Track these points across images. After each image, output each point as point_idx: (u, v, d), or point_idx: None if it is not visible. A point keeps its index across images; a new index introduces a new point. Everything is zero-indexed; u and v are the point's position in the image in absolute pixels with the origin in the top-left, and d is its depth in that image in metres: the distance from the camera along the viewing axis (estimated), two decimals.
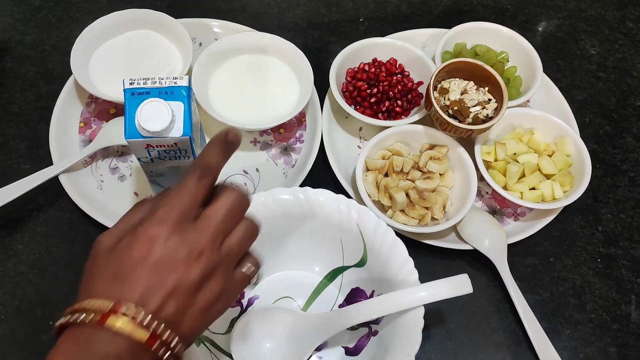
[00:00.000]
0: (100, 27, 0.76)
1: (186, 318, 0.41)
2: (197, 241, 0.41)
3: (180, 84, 0.55)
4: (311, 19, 0.89)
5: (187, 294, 0.40)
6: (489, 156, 0.72)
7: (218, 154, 0.44)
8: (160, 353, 0.39)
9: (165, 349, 0.39)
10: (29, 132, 0.75)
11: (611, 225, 0.74)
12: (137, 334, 0.38)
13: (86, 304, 0.39)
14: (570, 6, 0.94)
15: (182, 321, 0.41)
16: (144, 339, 0.38)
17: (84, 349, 0.38)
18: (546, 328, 0.65)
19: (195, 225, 0.41)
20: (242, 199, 0.44)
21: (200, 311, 0.42)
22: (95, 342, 0.38)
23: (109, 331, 0.38)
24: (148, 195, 0.71)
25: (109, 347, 0.38)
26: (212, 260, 0.41)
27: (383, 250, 0.59)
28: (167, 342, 0.39)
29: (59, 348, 0.40)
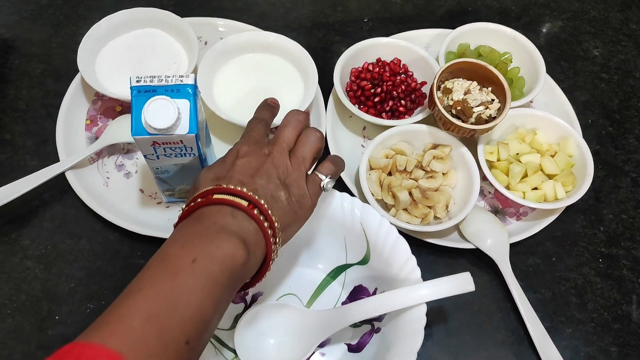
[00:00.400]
0: (107, 25, 0.77)
1: (277, 204, 0.50)
2: (268, 149, 0.53)
3: (187, 82, 0.55)
4: (316, 18, 0.90)
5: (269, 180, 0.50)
6: (491, 156, 0.73)
7: (266, 111, 0.59)
8: (261, 219, 0.48)
9: (265, 218, 0.48)
10: (36, 129, 0.76)
11: (613, 226, 0.75)
12: (238, 201, 0.47)
13: (194, 196, 0.49)
14: (573, 8, 0.95)
15: (274, 204, 0.50)
16: (245, 204, 0.47)
17: (196, 221, 0.47)
18: (548, 327, 0.66)
19: (267, 142, 0.54)
20: (297, 115, 0.56)
21: (287, 203, 0.51)
22: (205, 214, 0.47)
23: (215, 206, 0.47)
24: (153, 192, 0.72)
25: (215, 217, 0.47)
26: (281, 159, 0.52)
27: (386, 248, 0.60)
28: (264, 212, 0.48)
29: (178, 226, 0.48)
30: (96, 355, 0.37)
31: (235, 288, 0.47)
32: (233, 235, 0.46)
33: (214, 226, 0.46)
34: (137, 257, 0.68)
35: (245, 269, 0.46)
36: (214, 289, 0.43)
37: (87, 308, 0.65)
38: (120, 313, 0.40)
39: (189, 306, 0.42)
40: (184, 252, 0.44)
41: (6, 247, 0.68)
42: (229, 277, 0.45)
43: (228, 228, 0.46)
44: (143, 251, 0.68)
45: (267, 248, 0.49)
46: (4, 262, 0.67)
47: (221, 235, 0.45)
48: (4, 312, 0.64)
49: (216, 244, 0.45)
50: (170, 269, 0.43)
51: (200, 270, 0.43)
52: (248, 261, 0.46)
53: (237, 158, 0.52)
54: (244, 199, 0.48)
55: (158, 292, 0.42)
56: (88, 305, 0.65)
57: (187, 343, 0.41)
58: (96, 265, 0.68)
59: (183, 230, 0.47)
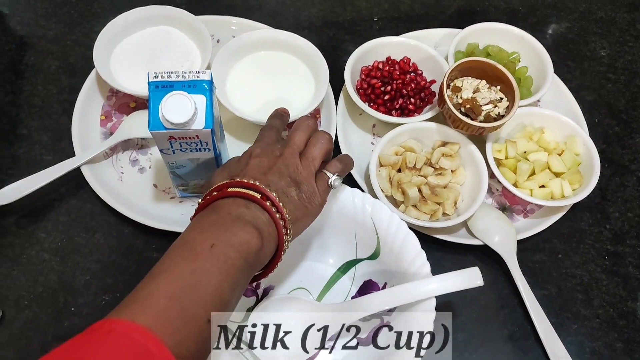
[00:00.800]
0: (122, 22, 0.78)
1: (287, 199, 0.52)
2: (279, 150, 0.55)
3: (203, 77, 0.56)
4: (326, 17, 0.91)
5: (280, 177, 0.53)
6: (499, 154, 0.74)
7: (277, 120, 0.62)
8: (273, 210, 0.50)
9: (276, 210, 0.51)
10: (52, 125, 0.77)
11: (619, 224, 0.76)
12: (251, 193, 0.50)
13: (209, 191, 0.52)
14: (581, 8, 0.96)
15: (285, 199, 0.52)
16: (257, 196, 0.50)
17: (212, 212, 0.50)
18: (554, 322, 0.67)
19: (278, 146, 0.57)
20: (307, 120, 0.59)
21: (298, 199, 0.53)
22: (220, 205, 0.50)
23: (229, 198, 0.51)
24: (167, 187, 0.73)
25: (230, 208, 0.50)
26: (292, 159, 0.54)
27: (396, 243, 0.61)
28: (276, 204, 0.51)
29: (195, 217, 0.51)
30: (126, 330, 0.40)
31: (250, 274, 0.50)
32: (248, 224, 0.49)
33: (229, 216, 0.49)
34: (151, 251, 0.69)
35: (259, 256, 0.49)
36: (230, 272, 0.46)
37: (102, 300, 0.66)
38: (146, 293, 0.43)
39: (208, 286, 0.45)
40: (202, 238, 0.47)
41: (23, 240, 0.69)
42: (245, 262, 0.47)
43: (243, 217, 0.49)
44: (157, 245, 0.70)
45: (279, 238, 0.52)
46: (21, 255, 0.68)
47: (237, 224, 0.48)
48: (22, 304, 0.65)
49: (232, 231, 0.48)
50: (190, 254, 0.46)
51: (218, 254, 0.46)
52: (262, 248, 0.49)
53: (250, 158, 0.55)
54: (256, 192, 0.51)
55: (179, 274, 0.44)
56: (103, 298, 0.66)
57: (208, 322, 0.44)
58: (111, 258, 0.69)
59: (201, 220, 0.50)
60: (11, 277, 0.67)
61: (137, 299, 0.43)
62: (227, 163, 0.57)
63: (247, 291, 0.65)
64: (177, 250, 0.47)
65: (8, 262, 0.68)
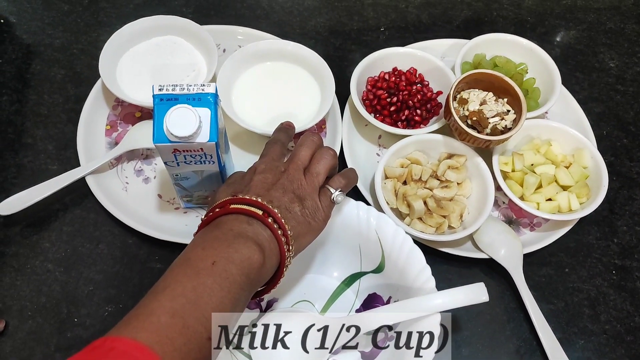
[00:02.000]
0: (128, 32, 0.78)
1: (290, 215, 0.52)
2: (284, 166, 0.56)
3: (208, 90, 0.56)
4: (333, 27, 0.90)
5: (284, 193, 0.53)
6: (506, 166, 0.73)
7: (282, 134, 0.62)
8: (275, 227, 0.50)
9: (279, 226, 0.51)
10: (57, 134, 0.77)
11: (627, 238, 0.75)
12: (253, 210, 0.50)
13: (212, 207, 0.52)
14: (589, 19, 0.95)
15: (288, 215, 0.52)
16: (260, 212, 0.50)
17: (215, 228, 0.50)
18: (560, 338, 0.66)
19: (283, 162, 0.57)
20: (312, 136, 0.59)
21: (301, 215, 0.53)
22: (223, 222, 0.50)
23: (232, 214, 0.51)
24: (171, 197, 0.73)
25: (232, 224, 0.50)
26: (296, 175, 0.55)
27: (401, 257, 0.60)
28: (278, 221, 0.51)
29: (198, 233, 0.52)
30: (127, 348, 0.40)
31: (252, 290, 0.50)
32: (249, 240, 0.49)
33: (230, 232, 0.49)
34: (155, 262, 0.69)
35: (261, 272, 0.49)
36: (232, 288, 0.46)
37: (105, 311, 0.66)
38: (147, 310, 0.43)
39: (209, 303, 0.45)
40: (204, 255, 0.47)
41: (27, 250, 0.69)
42: (247, 278, 0.48)
43: (244, 234, 0.49)
44: (160, 256, 0.70)
45: (280, 255, 0.52)
46: (25, 265, 0.68)
47: (238, 240, 0.49)
48: (25, 314, 0.65)
49: (234, 247, 0.48)
50: (192, 270, 0.46)
51: (220, 271, 0.46)
52: (264, 264, 0.49)
53: (255, 174, 0.55)
54: (259, 208, 0.51)
55: (181, 290, 0.45)
56: (106, 309, 0.66)
57: (209, 339, 0.44)
58: (114, 269, 0.69)
59: (203, 237, 0.50)
60: (15, 287, 0.67)
61: (138, 315, 0.43)
62: (231, 178, 0.57)
63: (251, 304, 0.65)
64: (179, 267, 0.47)
65: (12, 272, 0.68)
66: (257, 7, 0.91)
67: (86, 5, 0.90)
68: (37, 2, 0.90)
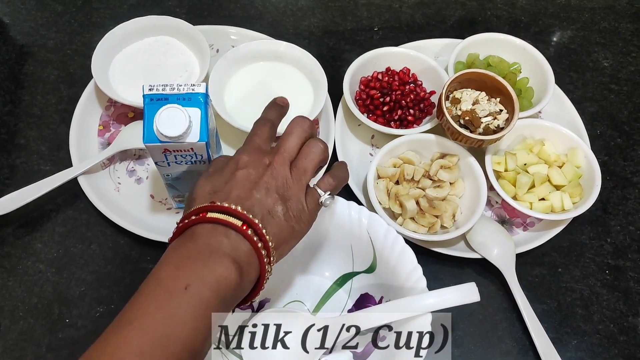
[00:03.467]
0: (121, 32, 0.78)
1: (273, 221, 0.49)
2: (269, 158, 0.52)
3: (198, 90, 0.56)
4: (326, 27, 0.90)
5: (267, 193, 0.50)
6: (499, 166, 0.73)
7: (273, 112, 0.58)
8: (254, 239, 0.47)
9: (259, 238, 0.48)
10: (50, 134, 0.77)
11: (620, 237, 0.75)
12: (232, 220, 0.47)
13: (188, 212, 0.49)
14: (583, 18, 0.95)
15: (270, 221, 0.49)
16: (239, 224, 0.47)
17: (189, 241, 0.47)
18: (553, 338, 0.66)
19: (269, 150, 0.53)
20: (302, 122, 0.54)
21: (284, 219, 0.50)
22: (198, 233, 0.47)
23: (209, 224, 0.47)
24: (164, 198, 0.73)
25: (209, 237, 0.46)
26: (281, 170, 0.51)
27: (392, 257, 0.60)
28: (259, 232, 0.48)
29: (172, 245, 0.48)
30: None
31: (228, 310, 0.47)
32: (226, 258, 0.46)
33: (207, 247, 0.46)
34: (147, 262, 0.69)
35: (237, 290, 0.47)
36: (206, 314, 0.44)
37: (96, 312, 0.66)
38: (113, 349, 0.41)
39: (180, 338, 0.42)
40: (177, 275, 0.44)
41: (19, 250, 0.69)
42: (222, 301, 0.45)
43: (221, 249, 0.46)
44: (152, 256, 0.69)
45: (260, 268, 0.49)
46: (17, 265, 0.68)
47: (214, 258, 0.45)
48: (17, 315, 0.65)
49: (209, 267, 0.45)
50: (163, 296, 0.43)
51: (193, 295, 0.43)
52: (241, 283, 0.46)
53: (236, 169, 0.51)
54: (238, 219, 0.48)
55: (150, 324, 0.42)
56: (98, 309, 0.66)
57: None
58: (106, 269, 0.69)
59: (177, 251, 0.47)
60: (7, 287, 0.67)
61: (104, 354, 0.40)
62: (212, 166, 0.54)
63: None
64: (150, 292, 0.44)
65: (4, 272, 0.68)
66: (250, 7, 0.91)
67: (80, 5, 0.90)
68: (30, 2, 0.90)
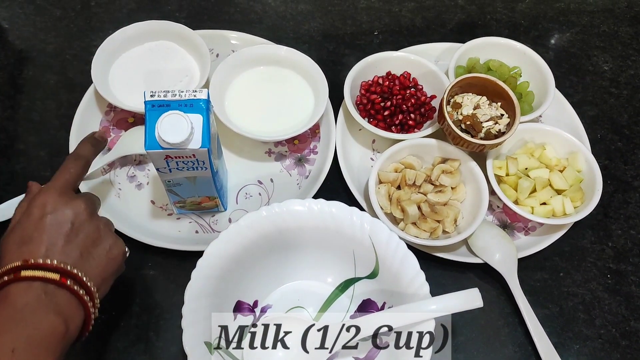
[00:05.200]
0: (120, 37, 0.78)
1: (89, 262, 0.51)
2: (80, 207, 0.52)
3: (200, 96, 0.56)
4: (326, 31, 0.90)
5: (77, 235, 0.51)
6: (500, 170, 0.73)
7: (89, 148, 0.60)
8: (75, 288, 0.48)
9: (79, 286, 0.49)
10: (50, 140, 0.77)
11: (621, 242, 0.75)
12: (50, 275, 0.47)
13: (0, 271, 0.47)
14: (583, 22, 0.95)
15: (87, 267, 0.50)
16: (57, 277, 0.47)
17: (7, 304, 0.46)
18: (555, 343, 0.66)
19: (76, 196, 0.54)
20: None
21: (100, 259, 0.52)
22: (13, 295, 0.46)
23: (24, 282, 0.46)
24: (164, 203, 0.72)
25: (27, 297, 0.46)
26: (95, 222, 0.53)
27: (395, 263, 0.60)
28: (78, 279, 0.49)
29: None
30: None
31: (61, 356, 0.47)
32: (49, 312, 0.46)
33: (26, 307, 0.46)
34: (148, 268, 0.69)
35: (66, 338, 0.48)
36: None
37: (97, 318, 0.65)
38: None
39: None
40: (2, 342, 0.44)
41: None
42: (53, 352, 0.46)
43: (42, 306, 0.46)
44: (154, 262, 0.69)
45: (85, 312, 0.50)
46: None
47: (37, 315, 0.46)
48: None
49: (34, 325, 0.45)
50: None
51: (21, 357, 0.43)
52: (68, 332, 0.47)
53: (44, 214, 0.51)
54: (55, 272, 0.48)
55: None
56: (99, 316, 0.66)
57: None
58: None
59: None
60: None
61: None
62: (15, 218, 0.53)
63: (244, 310, 0.65)
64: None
65: None
66: (250, 11, 0.91)
67: (79, 10, 0.90)
68: (29, 7, 0.90)
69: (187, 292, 0.56)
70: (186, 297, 0.56)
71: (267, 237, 0.61)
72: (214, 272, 0.58)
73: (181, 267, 0.69)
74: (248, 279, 0.63)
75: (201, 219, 0.72)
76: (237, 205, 0.73)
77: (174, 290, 0.68)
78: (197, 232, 0.71)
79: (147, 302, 0.67)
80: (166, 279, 0.69)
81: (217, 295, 0.58)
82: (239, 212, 0.73)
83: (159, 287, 0.68)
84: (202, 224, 0.72)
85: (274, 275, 0.65)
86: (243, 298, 0.64)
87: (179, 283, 0.67)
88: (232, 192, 0.74)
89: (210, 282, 0.57)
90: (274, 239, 0.61)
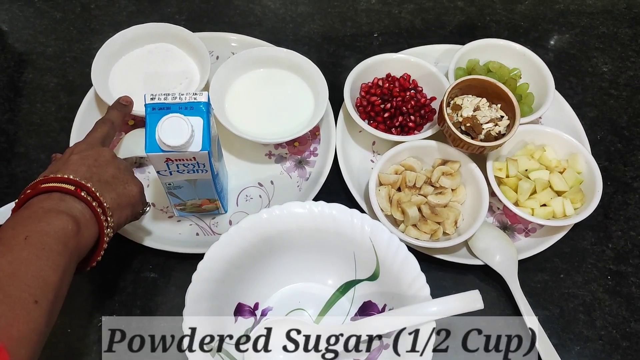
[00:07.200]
0: (120, 40, 0.78)
1: (107, 188, 0.56)
2: (105, 151, 0.59)
3: (200, 99, 0.56)
4: (326, 33, 0.90)
5: (100, 168, 0.57)
6: (500, 172, 0.73)
7: (115, 113, 0.66)
8: (89, 199, 0.52)
9: (92, 199, 0.53)
10: (50, 143, 0.77)
11: (622, 243, 0.75)
12: (65, 186, 0.52)
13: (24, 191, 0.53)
14: (582, 23, 0.95)
15: (103, 189, 0.55)
16: (72, 188, 0.52)
17: (24, 209, 0.51)
18: (556, 344, 0.66)
19: (102, 147, 0.60)
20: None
21: (117, 189, 0.57)
22: (33, 203, 0.51)
23: (44, 194, 0.52)
24: (165, 206, 0.72)
25: (44, 203, 0.51)
26: (117, 163, 0.59)
27: (395, 265, 0.60)
28: (92, 194, 0.53)
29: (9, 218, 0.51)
30: None
31: (73, 257, 0.50)
32: (61, 213, 0.50)
33: (41, 209, 0.50)
34: (149, 271, 0.69)
35: (78, 239, 0.51)
36: (50, 256, 0.47)
37: (98, 321, 0.65)
38: None
39: (28, 272, 0.46)
40: (14, 233, 0.48)
41: None
42: (64, 246, 0.49)
43: (56, 208, 0.51)
44: (154, 265, 0.69)
45: (99, 225, 0.54)
46: None
47: (49, 215, 0.50)
48: None
49: (46, 221, 0.49)
50: (4, 248, 0.47)
51: (34, 243, 0.47)
52: (79, 232, 0.51)
53: (71, 154, 0.57)
54: (71, 184, 0.53)
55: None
56: (99, 318, 0.66)
57: (36, 302, 0.45)
58: (107, 278, 0.68)
59: (13, 219, 0.51)
60: None
61: None
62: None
63: (245, 312, 0.65)
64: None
65: None
66: (250, 14, 0.91)
67: (78, 13, 0.90)
68: (29, 10, 0.90)
69: (188, 295, 0.56)
70: (187, 300, 0.56)
71: (267, 240, 0.61)
72: (214, 274, 0.58)
73: (182, 270, 0.69)
74: (248, 281, 0.63)
75: (202, 222, 0.72)
76: (237, 207, 0.73)
77: (175, 293, 0.68)
78: (198, 235, 0.71)
79: (147, 305, 0.67)
80: (167, 282, 0.69)
81: (218, 298, 0.58)
82: (240, 215, 0.73)
83: (160, 290, 0.68)
84: (203, 226, 0.72)
85: (274, 277, 0.65)
86: (244, 300, 0.64)
87: (179, 286, 0.68)
88: (232, 194, 0.74)
89: (211, 284, 0.57)
90: (274, 241, 0.61)
